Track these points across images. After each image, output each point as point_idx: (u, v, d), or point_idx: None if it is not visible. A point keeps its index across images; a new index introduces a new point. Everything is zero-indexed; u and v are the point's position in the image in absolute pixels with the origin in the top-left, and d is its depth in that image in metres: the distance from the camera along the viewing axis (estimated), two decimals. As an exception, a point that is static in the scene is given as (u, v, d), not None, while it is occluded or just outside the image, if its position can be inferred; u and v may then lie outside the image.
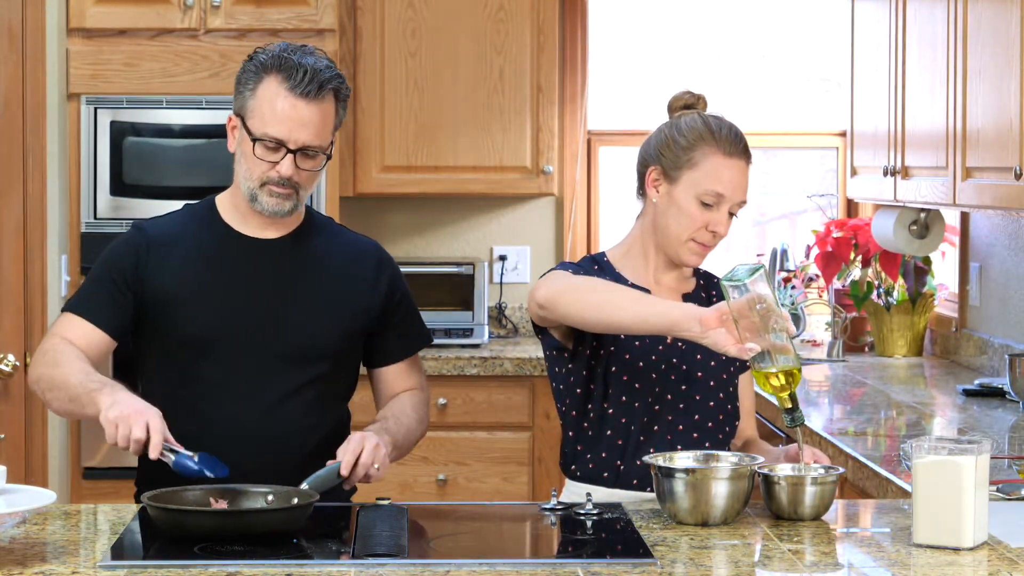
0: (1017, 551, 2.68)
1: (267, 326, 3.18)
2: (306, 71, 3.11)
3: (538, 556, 2.76)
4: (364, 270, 3.29)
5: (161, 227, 3.26)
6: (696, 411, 3.21)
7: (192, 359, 3.18)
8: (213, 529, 2.72)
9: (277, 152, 3.12)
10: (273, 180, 3.13)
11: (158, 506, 2.75)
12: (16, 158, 5.00)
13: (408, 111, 5.79)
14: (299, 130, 3.11)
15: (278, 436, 3.15)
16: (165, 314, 3.18)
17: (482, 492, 5.52)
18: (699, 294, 3.30)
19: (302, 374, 3.20)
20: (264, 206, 3.16)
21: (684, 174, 3.19)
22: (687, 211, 3.18)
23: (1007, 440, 3.96)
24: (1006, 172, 4.03)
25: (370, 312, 3.28)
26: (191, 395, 3.17)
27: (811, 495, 2.91)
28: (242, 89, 3.16)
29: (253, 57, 3.17)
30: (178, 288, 3.18)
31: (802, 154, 6.42)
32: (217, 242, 3.22)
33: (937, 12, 4.60)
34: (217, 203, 3.28)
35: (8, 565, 2.58)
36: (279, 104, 3.11)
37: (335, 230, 3.34)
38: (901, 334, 5.71)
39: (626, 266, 3.27)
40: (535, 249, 6.18)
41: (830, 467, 2.98)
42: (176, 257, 3.20)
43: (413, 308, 3.38)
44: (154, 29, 5.36)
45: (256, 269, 3.21)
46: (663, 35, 6.36)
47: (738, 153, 3.20)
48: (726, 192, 3.17)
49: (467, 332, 5.77)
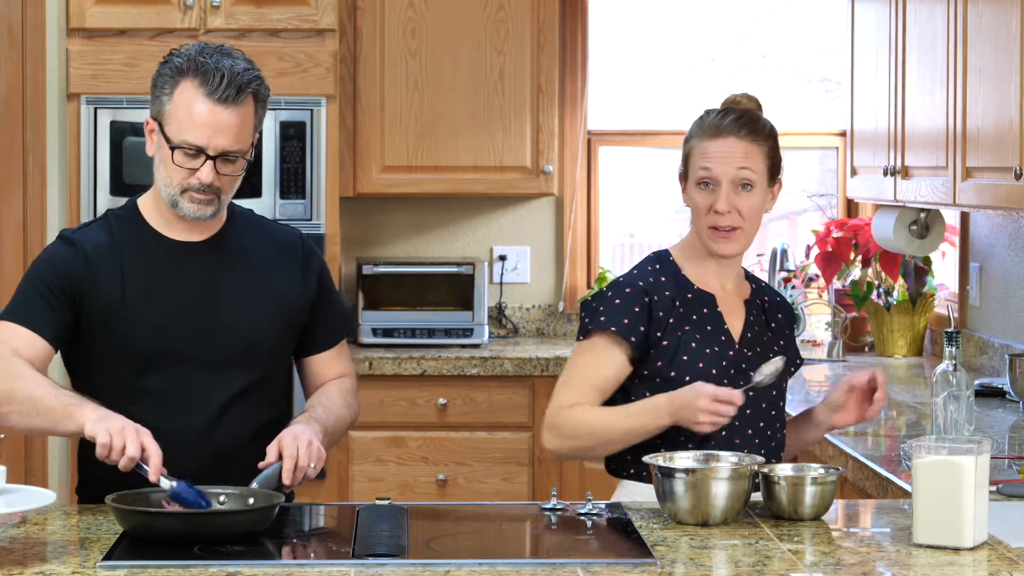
0: (1017, 551, 2.68)
1: (207, 332, 3.14)
2: (223, 74, 3.04)
3: (538, 556, 2.76)
4: (293, 263, 3.26)
5: (92, 238, 3.17)
6: (749, 426, 3.20)
7: (136, 370, 3.12)
8: (182, 531, 2.71)
9: (196, 159, 3.06)
10: (194, 187, 3.08)
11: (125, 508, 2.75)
12: (16, 158, 5.01)
13: (408, 111, 5.79)
14: (218, 136, 3.05)
15: (227, 441, 3.11)
16: (107, 327, 3.12)
17: (482, 492, 5.52)
18: (755, 300, 3.29)
19: (245, 376, 3.17)
20: (186, 211, 3.11)
21: (688, 172, 3.23)
22: (695, 201, 3.21)
23: (1007, 440, 3.96)
24: (1006, 172, 4.02)
25: (303, 304, 3.25)
26: (136, 406, 3.08)
27: (811, 495, 2.91)
28: (158, 93, 3.10)
29: (168, 60, 3.10)
30: (120, 299, 3.12)
31: (802, 154, 6.41)
32: (149, 250, 3.16)
33: (937, 12, 4.60)
34: (140, 208, 3.21)
35: (8, 565, 2.58)
36: (196, 110, 3.04)
37: (258, 223, 3.29)
38: (901, 334, 5.71)
39: (688, 265, 3.25)
40: (535, 249, 6.18)
41: (830, 467, 2.98)
42: (113, 268, 3.14)
43: (337, 295, 3.36)
44: (154, 29, 5.36)
45: (190, 275, 3.16)
46: (663, 35, 6.36)
47: (724, 131, 3.19)
48: (712, 166, 3.18)
49: (467, 332, 5.77)
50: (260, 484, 2.95)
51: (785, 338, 3.31)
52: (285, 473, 2.97)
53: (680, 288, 3.21)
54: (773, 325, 3.29)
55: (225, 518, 2.78)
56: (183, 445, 3.07)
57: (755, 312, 3.27)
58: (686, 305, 3.19)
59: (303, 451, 3.00)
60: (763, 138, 3.23)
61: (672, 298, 3.18)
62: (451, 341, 5.76)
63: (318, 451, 3.03)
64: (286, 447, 3.00)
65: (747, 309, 3.25)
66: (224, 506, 2.85)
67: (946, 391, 3.21)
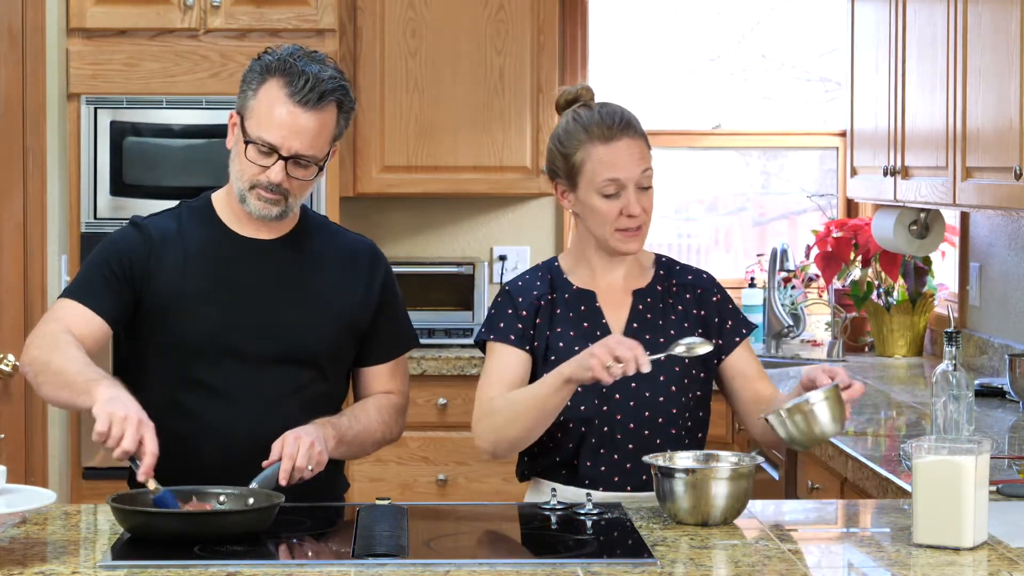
0: (1017, 551, 2.68)
1: (264, 329, 3.17)
2: (308, 79, 3.08)
3: (538, 556, 2.76)
4: (359, 270, 3.28)
5: (161, 226, 3.22)
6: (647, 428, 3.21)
7: (189, 360, 3.16)
8: (182, 531, 2.71)
9: (269, 157, 3.10)
10: (262, 184, 3.11)
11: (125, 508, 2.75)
12: (16, 158, 5.01)
13: (408, 111, 5.79)
14: (293, 138, 3.08)
15: (271, 439, 3.10)
16: (166, 314, 3.16)
17: (482, 492, 5.52)
18: (654, 287, 3.29)
19: (298, 376, 3.19)
20: (252, 208, 3.15)
21: (579, 179, 3.22)
22: (598, 209, 3.20)
23: (1007, 440, 3.96)
24: (1006, 172, 4.02)
25: (365, 313, 3.27)
26: (187, 396, 3.15)
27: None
28: (245, 88, 3.14)
29: (261, 57, 3.15)
30: (181, 289, 3.16)
31: (802, 154, 6.42)
32: (216, 243, 3.21)
33: (937, 12, 4.60)
34: (214, 201, 3.26)
35: (8, 565, 2.58)
36: (277, 109, 3.08)
37: (331, 229, 3.33)
38: (901, 334, 5.71)
39: (575, 271, 3.29)
40: (535, 249, 6.18)
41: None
42: (178, 257, 3.18)
43: (403, 310, 3.37)
44: (154, 29, 5.36)
45: (254, 271, 3.19)
46: (663, 35, 6.36)
47: (617, 133, 3.19)
48: (619, 175, 3.18)
49: (467, 332, 5.77)
50: (260, 484, 2.95)
51: (693, 319, 3.27)
52: (282, 473, 2.98)
53: (557, 289, 3.25)
54: (680, 308, 3.27)
55: (225, 518, 2.78)
56: (227, 439, 3.12)
57: (649, 299, 3.26)
58: (563, 304, 3.24)
59: (303, 451, 3.00)
60: (641, 133, 3.24)
61: (539, 299, 3.23)
62: (451, 341, 5.76)
63: (319, 453, 3.03)
64: (287, 446, 3.01)
65: (635, 299, 3.26)
66: (224, 506, 2.86)
67: (946, 391, 3.21)
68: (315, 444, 3.03)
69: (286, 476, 2.98)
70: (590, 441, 3.20)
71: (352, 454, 3.24)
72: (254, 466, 3.02)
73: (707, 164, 6.41)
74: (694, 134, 6.32)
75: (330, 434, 3.12)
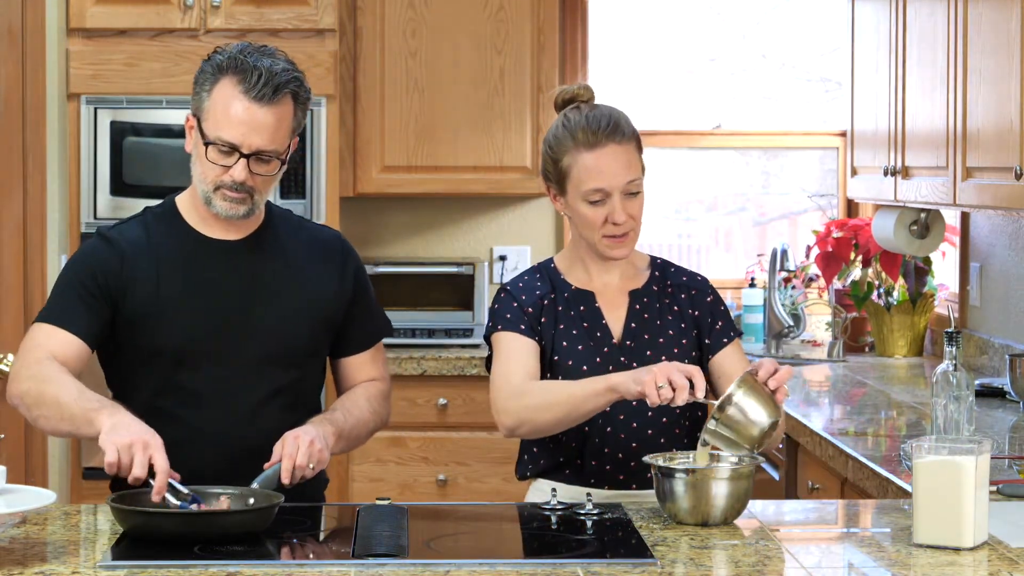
0: (1017, 551, 2.68)
1: (242, 331, 3.15)
2: (261, 73, 3.06)
3: (538, 556, 2.76)
4: (331, 263, 3.27)
5: (130, 236, 3.19)
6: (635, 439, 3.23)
7: (170, 368, 3.14)
8: (182, 531, 2.71)
9: (230, 156, 3.08)
10: (227, 184, 3.09)
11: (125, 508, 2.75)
12: (16, 158, 5.01)
13: (408, 111, 5.79)
14: (252, 134, 3.06)
15: (258, 439, 3.10)
16: (144, 323, 3.13)
17: (482, 492, 5.52)
18: (651, 288, 3.30)
19: (279, 376, 3.18)
20: (219, 209, 3.12)
21: (567, 185, 3.22)
22: (584, 215, 3.21)
23: (1007, 440, 3.96)
24: (1006, 172, 4.02)
25: (340, 304, 3.26)
26: (170, 403, 3.13)
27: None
28: (199, 90, 3.12)
29: (211, 57, 3.13)
30: (156, 298, 3.13)
31: (802, 154, 6.41)
32: (185, 248, 3.18)
33: (937, 12, 4.60)
34: (178, 205, 3.23)
35: (8, 565, 2.58)
36: (233, 107, 3.06)
37: (296, 223, 3.30)
38: (901, 334, 5.71)
39: (571, 271, 3.30)
40: (535, 249, 6.18)
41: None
42: (150, 266, 3.15)
43: (373, 298, 3.37)
44: (154, 29, 5.36)
45: (226, 273, 3.17)
46: (663, 36, 6.36)
47: (602, 139, 3.18)
48: (604, 184, 3.18)
49: (467, 332, 5.77)
50: (260, 484, 2.95)
51: (689, 319, 3.28)
52: (284, 472, 2.98)
53: (557, 289, 3.26)
54: (676, 308, 3.28)
55: (225, 518, 2.78)
56: (214, 442, 3.11)
57: (646, 299, 3.26)
58: (563, 304, 3.25)
59: (303, 451, 3.00)
60: (631, 135, 3.23)
61: (542, 298, 3.24)
62: (451, 341, 5.76)
63: (319, 452, 3.03)
64: (287, 447, 3.01)
65: (631, 300, 3.27)
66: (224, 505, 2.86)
67: (946, 391, 3.21)
68: (315, 442, 3.03)
69: (288, 476, 2.98)
70: (593, 440, 3.20)
71: (350, 447, 3.25)
72: (242, 468, 3.02)
73: (707, 164, 6.41)
74: (694, 134, 6.32)
75: (329, 431, 3.11)
